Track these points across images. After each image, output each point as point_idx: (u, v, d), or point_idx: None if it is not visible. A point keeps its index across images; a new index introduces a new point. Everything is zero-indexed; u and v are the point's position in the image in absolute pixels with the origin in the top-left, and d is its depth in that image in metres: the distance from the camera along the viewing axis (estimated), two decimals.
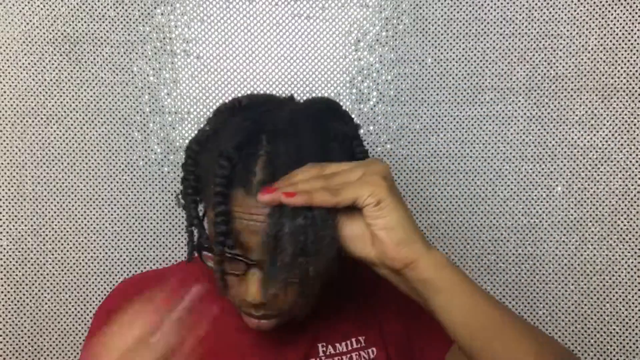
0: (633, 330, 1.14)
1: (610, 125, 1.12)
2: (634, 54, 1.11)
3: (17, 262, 1.11)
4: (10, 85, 1.09)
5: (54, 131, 1.10)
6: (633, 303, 1.13)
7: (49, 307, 1.12)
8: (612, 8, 1.11)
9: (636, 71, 1.11)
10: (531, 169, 1.13)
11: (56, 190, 1.11)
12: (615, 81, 1.12)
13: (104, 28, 1.10)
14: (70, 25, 1.09)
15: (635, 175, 1.12)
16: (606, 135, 1.12)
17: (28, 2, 1.08)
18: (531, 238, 1.14)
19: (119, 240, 1.12)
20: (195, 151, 0.76)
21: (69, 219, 1.11)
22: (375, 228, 0.66)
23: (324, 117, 0.76)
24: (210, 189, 0.71)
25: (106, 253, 1.12)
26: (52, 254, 1.11)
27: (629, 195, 1.13)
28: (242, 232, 0.71)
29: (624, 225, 1.13)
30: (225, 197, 0.70)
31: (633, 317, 1.14)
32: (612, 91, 1.12)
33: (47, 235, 1.11)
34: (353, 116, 1.11)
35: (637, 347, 1.13)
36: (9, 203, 1.10)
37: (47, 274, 1.11)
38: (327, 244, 0.69)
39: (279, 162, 0.70)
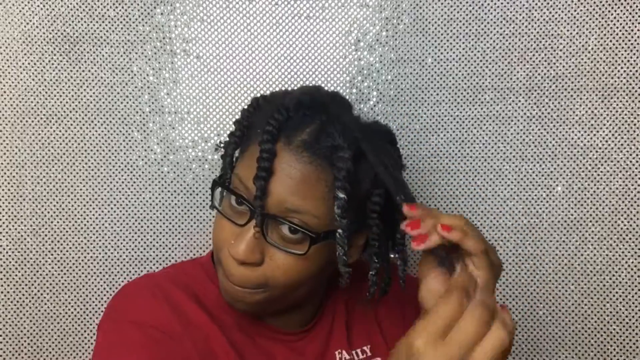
0: (633, 330, 1.14)
1: (610, 125, 1.12)
2: (634, 54, 1.11)
3: (17, 262, 1.11)
4: (10, 85, 1.09)
5: (54, 131, 1.10)
6: (633, 303, 1.13)
7: (49, 307, 1.12)
8: (612, 8, 1.11)
9: (636, 71, 1.11)
10: (531, 168, 1.13)
11: (56, 190, 1.11)
12: (615, 81, 1.12)
13: (104, 28, 1.10)
14: (70, 25, 1.09)
15: (636, 175, 1.12)
16: (606, 135, 1.12)
17: (28, 2, 1.08)
18: (531, 238, 1.14)
19: (118, 240, 1.12)
20: (259, 103, 0.82)
21: (69, 219, 1.11)
22: None
23: (386, 136, 0.83)
24: (257, 134, 0.76)
25: (106, 253, 1.12)
26: (52, 254, 1.11)
27: (629, 195, 1.13)
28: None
29: (624, 225, 1.13)
30: (274, 136, 0.74)
31: (633, 317, 1.14)
32: (612, 91, 1.12)
33: (47, 235, 1.11)
34: None
35: (637, 347, 1.13)
36: (9, 203, 1.10)
37: (47, 274, 1.11)
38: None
39: (326, 136, 0.74)
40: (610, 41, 1.11)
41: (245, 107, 0.83)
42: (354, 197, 0.75)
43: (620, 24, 1.11)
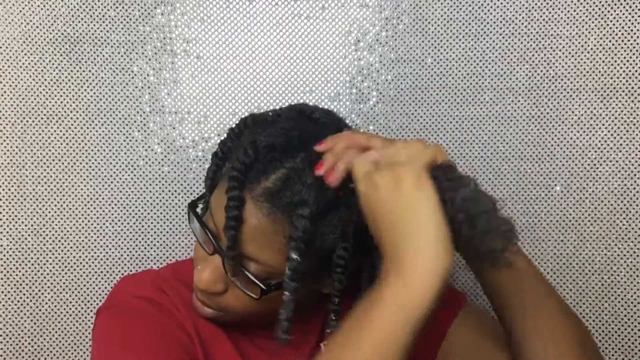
0: (632, 329, 1.14)
1: (609, 125, 1.13)
2: (634, 54, 1.11)
3: (17, 262, 1.11)
4: (10, 85, 1.09)
5: (54, 131, 1.10)
6: (632, 303, 1.14)
7: (49, 307, 1.12)
8: (612, 8, 1.11)
9: (636, 71, 1.12)
10: (530, 168, 1.14)
11: (56, 190, 1.11)
12: (615, 81, 1.12)
13: (104, 28, 1.09)
14: (70, 25, 1.09)
15: (635, 175, 1.13)
16: (605, 135, 1.13)
17: (28, 2, 1.08)
18: (530, 237, 1.14)
19: (119, 240, 1.12)
20: (246, 124, 0.80)
21: (69, 218, 1.11)
22: None
23: None
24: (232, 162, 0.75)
25: (106, 253, 1.12)
26: (53, 254, 1.11)
27: (628, 195, 1.13)
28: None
29: (623, 225, 1.13)
30: (241, 183, 0.71)
31: (632, 316, 1.14)
32: (611, 91, 1.12)
33: (47, 235, 1.11)
34: (353, 116, 1.12)
35: (635, 347, 1.14)
36: (9, 203, 1.10)
37: (48, 274, 1.11)
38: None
39: (290, 187, 0.71)
40: (610, 41, 1.11)
41: (233, 126, 0.82)
42: (313, 254, 0.72)
43: (620, 24, 1.11)
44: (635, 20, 1.11)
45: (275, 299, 0.74)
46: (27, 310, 1.11)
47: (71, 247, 1.12)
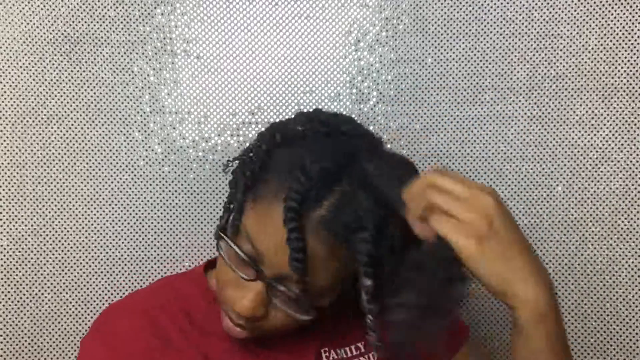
0: (633, 330, 1.14)
1: (610, 125, 1.12)
2: (634, 54, 1.11)
3: (17, 262, 1.11)
4: (10, 85, 1.09)
5: (54, 131, 1.10)
6: (634, 303, 1.13)
7: (49, 307, 1.12)
8: (612, 8, 1.11)
9: (636, 71, 1.11)
10: (531, 168, 1.13)
11: (56, 190, 1.11)
12: (615, 81, 1.12)
13: (104, 28, 1.10)
14: (70, 25, 1.09)
15: (636, 175, 1.12)
16: (606, 135, 1.12)
17: (28, 2, 1.08)
18: (532, 238, 1.14)
19: (119, 240, 1.12)
20: (274, 141, 0.77)
21: (69, 219, 1.11)
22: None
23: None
24: (272, 188, 0.72)
25: (106, 253, 1.12)
26: (53, 254, 1.11)
27: (629, 195, 1.13)
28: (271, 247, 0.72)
29: (625, 225, 1.13)
30: (298, 213, 0.69)
31: (633, 317, 1.13)
32: (612, 91, 1.12)
33: (47, 235, 1.11)
34: (353, 116, 1.12)
35: (637, 347, 1.13)
36: (9, 203, 1.10)
37: (48, 274, 1.11)
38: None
39: (345, 212, 0.70)
40: (611, 41, 1.11)
41: (258, 141, 0.78)
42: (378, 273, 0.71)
43: (621, 24, 1.11)
44: (636, 20, 1.11)
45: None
46: (27, 310, 1.11)
47: (71, 247, 1.12)
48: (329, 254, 0.71)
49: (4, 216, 1.10)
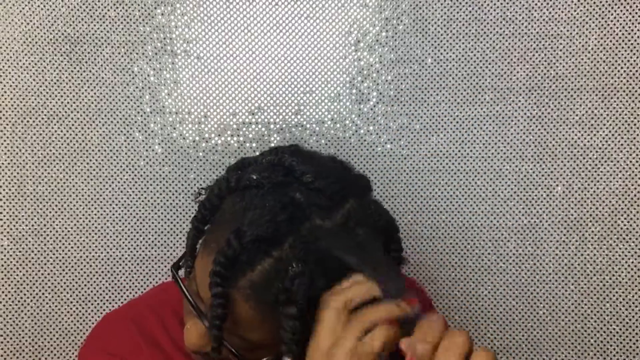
0: (633, 330, 1.14)
1: (610, 125, 1.12)
2: (634, 54, 1.11)
3: (18, 261, 1.11)
4: (10, 85, 1.09)
5: (55, 131, 1.10)
6: (633, 303, 1.13)
7: (50, 306, 1.12)
8: (612, 8, 1.11)
9: (636, 71, 1.11)
10: (531, 168, 1.13)
11: (57, 190, 1.11)
12: (615, 81, 1.12)
13: (104, 28, 1.10)
14: (70, 25, 1.09)
15: (636, 175, 1.12)
16: (606, 135, 1.12)
17: (28, 2, 1.08)
18: (531, 238, 1.14)
19: (119, 240, 1.12)
20: (228, 186, 0.72)
21: (69, 218, 1.11)
22: None
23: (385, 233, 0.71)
24: (214, 237, 0.69)
25: (107, 253, 1.12)
26: (54, 254, 1.11)
27: (629, 195, 1.13)
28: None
29: (624, 225, 1.13)
30: (225, 279, 0.66)
31: (633, 317, 1.13)
32: (612, 91, 1.12)
33: (48, 235, 1.11)
34: (353, 116, 1.12)
35: (637, 347, 1.13)
36: (10, 203, 1.10)
37: (48, 274, 1.12)
38: None
39: (276, 281, 0.65)
40: (611, 41, 1.11)
41: (215, 186, 0.74)
42: (302, 343, 0.67)
43: (620, 24, 1.11)
44: (636, 20, 1.11)
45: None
46: (27, 310, 1.11)
47: (72, 247, 1.12)
48: (262, 318, 0.67)
49: (4, 216, 1.10)
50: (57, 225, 1.11)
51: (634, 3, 1.10)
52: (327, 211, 0.68)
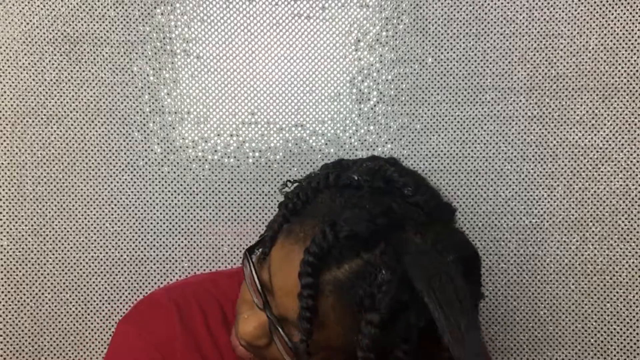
0: (634, 330, 1.13)
1: (611, 125, 1.12)
2: (635, 54, 1.11)
3: (17, 262, 1.11)
4: (10, 85, 1.09)
5: (54, 131, 1.10)
6: (634, 303, 1.13)
7: (49, 306, 1.12)
8: (612, 8, 1.11)
9: (637, 71, 1.11)
10: (532, 168, 1.13)
11: (56, 190, 1.11)
12: (615, 81, 1.12)
13: (104, 28, 1.10)
14: (70, 25, 1.09)
15: (637, 175, 1.12)
16: (607, 135, 1.12)
17: (28, 2, 1.08)
18: (532, 238, 1.14)
19: (119, 240, 1.12)
20: (325, 181, 0.71)
21: (69, 219, 1.11)
22: None
23: (468, 270, 0.67)
24: (302, 228, 0.68)
25: (106, 253, 1.12)
26: (53, 254, 1.11)
27: (630, 195, 1.12)
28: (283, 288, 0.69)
29: (625, 225, 1.13)
30: (316, 269, 0.65)
31: (634, 317, 1.13)
32: (612, 91, 1.12)
33: (47, 235, 1.11)
34: (353, 116, 1.12)
35: (637, 347, 1.13)
36: (9, 203, 1.10)
37: (48, 274, 1.11)
38: None
39: (362, 284, 0.64)
40: (611, 41, 1.11)
41: (313, 175, 0.74)
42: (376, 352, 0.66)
43: (621, 24, 1.11)
44: (636, 20, 1.11)
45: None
46: (27, 310, 1.11)
47: (71, 247, 1.12)
48: (337, 319, 0.66)
49: (4, 216, 1.10)
50: (56, 225, 1.11)
51: (634, 3, 1.10)
52: (422, 227, 0.67)
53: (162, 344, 0.80)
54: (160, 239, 1.13)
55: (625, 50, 1.11)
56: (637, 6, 1.10)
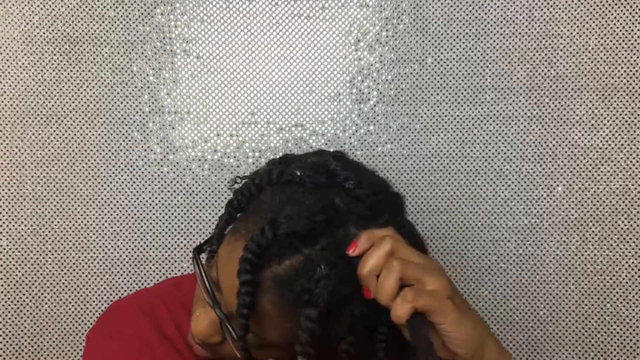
0: (634, 330, 1.13)
1: (610, 125, 1.12)
2: (635, 53, 1.11)
3: (17, 262, 1.11)
4: (10, 85, 1.09)
5: (54, 131, 1.10)
6: (634, 303, 1.13)
7: (49, 307, 1.12)
8: (612, 8, 1.11)
9: (637, 71, 1.11)
10: (532, 168, 1.13)
11: (56, 190, 1.11)
12: (615, 81, 1.12)
13: (104, 28, 1.10)
14: (70, 25, 1.09)
15: (636, 175, 1.12)
16: (607, 135, 1.12)
17: (28, 2, 1.08)
18: (532, 238, 1.14)
19: (118, 240, 1.12)
20: (269, 178, 0.72)
21: (68, 219, 1.11)
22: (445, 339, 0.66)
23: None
24: (246, 225, 0.69)
25: (106, 253, 1.12)
26: (52, 254, 1.11)
27: (629, 195, 1.12)
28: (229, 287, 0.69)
29: (625, 225, 1.13)
30: (256, 267, 0.65)
31: (634, 317, 1.13)
32: (612, 91, 1.12)
33: (47, 235, 1.11)
34: (353, 116, 1.12)
35: (637, 347, 1.13)
36: (9, 203, 1.10)
37: (47, 274, 1.11)
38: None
39: (302, 280, 0.65)
40: (611, 41, 1.11)
41: (255, 175, 0.73)
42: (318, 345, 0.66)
43: (621, 24, 1.11)
44: (636, 20, 1.11)
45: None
46: (27, 310, 1.11)
47: (71, 247, 1.12)
48: (279, 315, 0.67)
49: (4, 216, 1.10)
50: (56, 225, 1.11)
51: (634, 3, 1.10)
52: (364, 221, 0.68)
53: (138, 339, 0.81)
54: (160, 239, 1.13)
55: (625, 50, 1.11)
56: (637, 6, 1.10)
